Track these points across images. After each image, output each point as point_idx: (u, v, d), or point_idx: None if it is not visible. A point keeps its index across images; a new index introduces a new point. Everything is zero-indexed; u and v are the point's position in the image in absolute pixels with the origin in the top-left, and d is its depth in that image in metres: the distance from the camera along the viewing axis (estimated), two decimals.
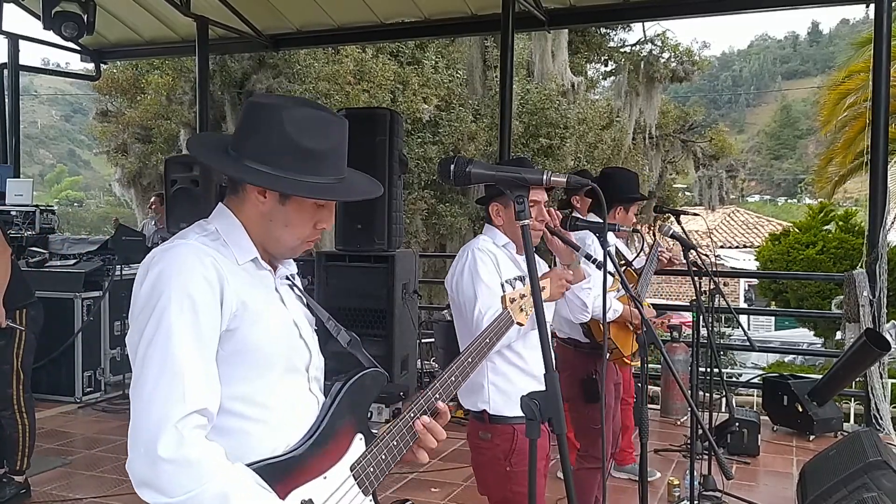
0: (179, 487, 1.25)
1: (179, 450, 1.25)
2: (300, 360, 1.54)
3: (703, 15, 6.95)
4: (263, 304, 1.47)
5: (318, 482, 1.45)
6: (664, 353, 2.26)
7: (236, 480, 1.31)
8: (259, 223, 1.49)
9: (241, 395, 1.42)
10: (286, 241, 1.51)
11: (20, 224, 6.70)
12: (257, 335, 1.43)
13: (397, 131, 5.95)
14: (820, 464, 3.93)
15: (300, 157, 1.43)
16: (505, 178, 1.54)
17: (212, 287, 1.37)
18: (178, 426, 1.27)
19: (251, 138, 1.45)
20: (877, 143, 5.42)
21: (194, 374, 1.31)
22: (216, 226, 1.49)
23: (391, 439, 1.55)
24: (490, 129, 12.80)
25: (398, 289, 5.85)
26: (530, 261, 1.51)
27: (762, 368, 11.02)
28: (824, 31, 71.91)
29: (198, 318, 1.34)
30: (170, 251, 1.40)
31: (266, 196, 1.46)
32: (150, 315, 1.33)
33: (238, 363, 1.41)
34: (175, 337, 1.31)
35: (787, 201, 45.59)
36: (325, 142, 1.46)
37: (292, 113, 1.44)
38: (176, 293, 1.33)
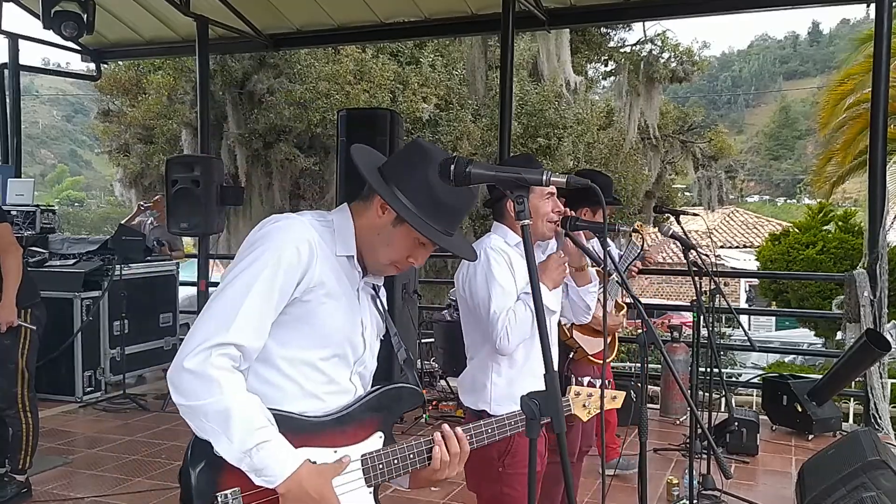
0: (192, 393, 1.48)
1: (202, 366, 1.48)
2: (353, 351, 1.72)
3: (703, 15, 6.95)
4: (340, 292, 1.66)
5: (326, 451, 1.61)
6: (664, 354, 2.26)
7: (242, 404, 1.49)
8: (368, 232, 1.70)
9: (290, 357, 1.62)
10: (380, 257, 1.71)
11: (21, 224, 6.70)
12: (323, 313, 1.63)
13: (397, 132, 5.95)
14: (819, 463, 3.94)
15: (429, 202, 1.64)
16: (505, 179, 1.54)
17: (300, 257, 1.58)
18: (213, 350, 1.49)
19: (401, 170, 1.68)
20: (876, 143, 5.43)
21: (248, 315, 1.53)
22: (334, 217, 1.72)
23: (408, 451, 1.70)
24: (489, 129, 12.80)
25: (398, 289, 5.85)
26: (530, 261, 1.52)
27: (762, 368, 11.03)
28: (824, 31, 72.01)
29: (277, 275, 1.55)
30: (285, 219, 1.63)
31: (385, 213, 1.68)
32: (246, 258, 1.57)
33: (298, 330, 1.61)
34: (252, 280, 1.54)
35: (787, 201, 45.62)
36: (454, 200, 1.67)
37: (438, 169, 1.62)
38: (271, 249, 1.56)
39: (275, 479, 1.49)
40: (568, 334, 3.32)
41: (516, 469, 2.43)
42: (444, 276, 12.10)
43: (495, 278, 2.43)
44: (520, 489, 2.43)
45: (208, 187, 6.06)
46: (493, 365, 2.50)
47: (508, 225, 2.60)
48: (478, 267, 2.48)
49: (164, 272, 7.11)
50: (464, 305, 2.57)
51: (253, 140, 12.53)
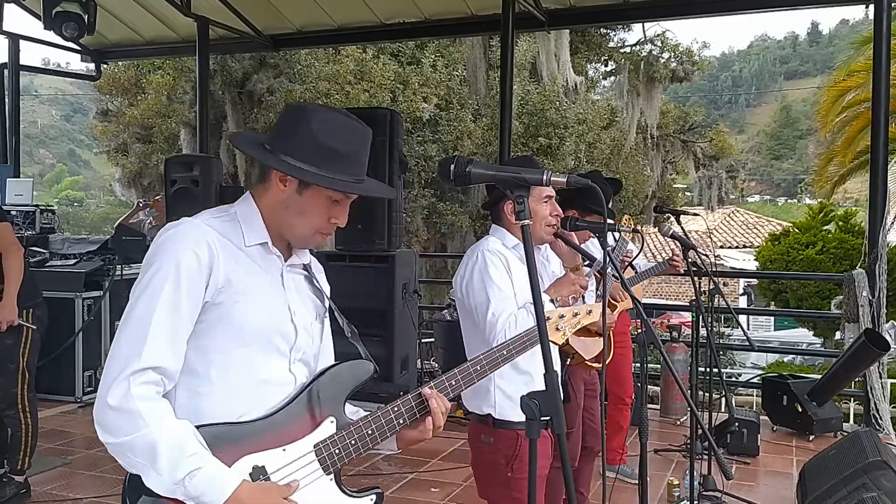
0: (119, 431, 1.43)
1: (123, 400, 1.43)
2: (285, 340, 1.63)
3: (703, 15, 6.95)
4: (255, 285, 1.59)
5: (274, 452, 1.55)
6: (664, 354, 2.26)
7: (169, 433, 1.43)
8: (277, 209, 1.63)
9: (217, 363, 1.55)
10: (299, 229, 1.63)
11: (20, 224, 6.70)
12: (239, 312, 1.55)
13: (397, 131, 5.95)
14: (820, 464, 3.93)
15: (323, 155, 1.58)
16: (505, 179, 1.55)
17: (200, 261, 1.51)
18: (130, 379, 1.44)
19: (283, 135, 1.62)
20: (877, 143, 5.42)
21: (158, 335, 1.47)
22: (236, 209, 1.65)
23: (366, 428, 1.63)
24: (490, 129, 12.81)
25: (398, 289, 5.85)
26: (530, 261, 1.52)
27: (762, 368, 11.03)
28: (824, 31, 71.97)
29: (180, 286, 1.49)
30: (176, 227, 1.56)
31: (286, 185, 1.60)
32: (142, 278, 1.52)
33: (217, 334, 1.55)
34: (153, 300, 1.48)
35: (787, 201, 45.61)
36: (346, 144, 1.60)
37: (321, 115, 1.62)
38: (167, 261, 1.51)
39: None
40: (605, 333, 3.31)
41: (524, 474, 2.41)
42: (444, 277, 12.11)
43: (493, 281, 2.42)
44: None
45: (207, 187, 6.06)
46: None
47: (506, 227, 2.59)
48: (475, 269, 2.47)
49: None
50: (462, 308, 2.56)
51: None
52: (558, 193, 3.63)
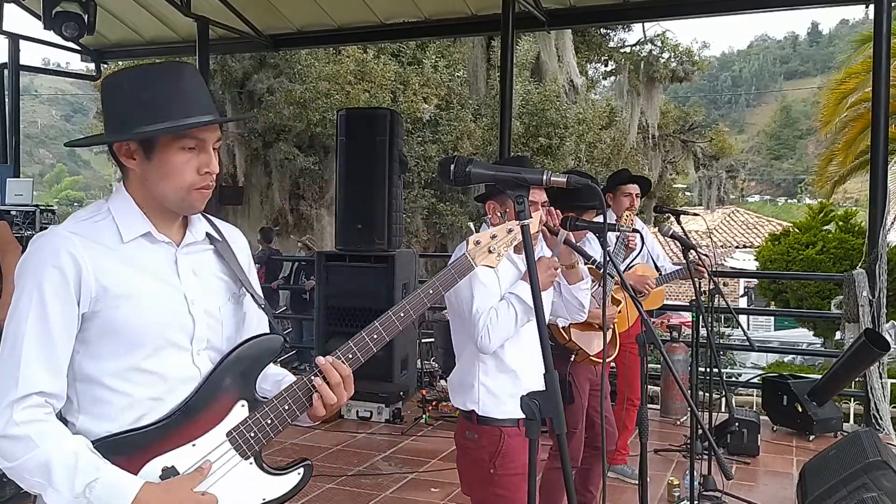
0: (12, 456, 1.40)
1: (7, 428, 1.39)
2: (182, 334, 1.54)
3: (703, 15, 6.94)
4: (138, 284, 1.49)
5: (184, 450, 1.50)
6: (664, 353, 2.26)
7: (61, 450, 1.40)
8: (141, 188, 1.52)
9: (111, 370, 1.49)
10: (169, 193, 1.50)
11: (20, 224, 6.70)
12: (123, 317, 1.47)
13: (397, 131, 5.96)
14: (820, 464, 3.93)
15: (145, 109, 1.46)
16: (505, 178, 1.54)
17: (64, 274, 1.43)
18: (13, 406, 1.40)
19: (107, 116, 1.54)
20: (877, 143, 5.42)
21: (30, 362, 1.42)
22: (109, 205, 1.55)
23: (281, 404, 1.56)
24: (490, 129, 12.81)
25: (398, 289, 5.85)
26: (530, 261, 1.52)
27: (762, 368, 11.03)
28: (824, 31, 72.04)
29: (46, 306, 1.43)
30: (37, 241, 1.48)
31: (134, 156, 1.50)
32: (13, 301, 1.46)
33: (105, 342, 1.48)
34: (20, 326, 1.43)
35: (787, 201, 45.63)
36: (166, 87, 1.48)
37: (125, 76, 1.52)
38: (30, 280, 1.44)
39: None
40: (566, 336, 3.31)
41: (507, 470, 2.43)
42: None
43: (478, 277, 2.43)
44: (512, 490, 2.42)
45: None
46: (479, 365, 2.50)
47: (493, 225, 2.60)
48: None
49: None
50: (450, 305, 2.58)
51: (252, 139, 12.54)
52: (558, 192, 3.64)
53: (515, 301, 2.41)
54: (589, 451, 3.52)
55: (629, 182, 4.39)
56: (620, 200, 4.33)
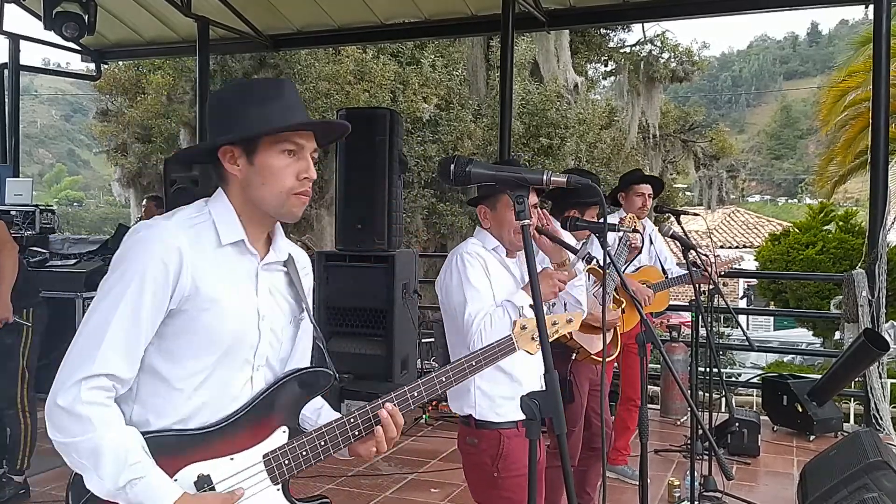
0: (65, 431, 1.44)
1: (72, 403, 1.42)
2: (248, 347, 1.58)
3: (703, 15, 6.94)
4: (224, 291, 1.53)
5: (222, 461, 1.53)
6: (663, 354, 2.26)
7: (115, 440, 1.43)
8: (242, 193, 1.57)
9: (178, 368, 1.53)
10: (270, 198, 1.55)
11: (20, 224, 6.69)
12: (206, 320, 1.51)
13: (397, 131, 5.95)
14: (820, 464, 3.93)
15: (251, 115, 1.54)
16: (505, 178, 1.54)
17: (167, 268, 1.47)
18: (81, 383, 1.43)
19: (211, 126, 1.61)
20: (877, 143, 5.42)
21: (114, 343, 1.45)
22: (210, 208, 1.59)
23: (319, 439, 1.59)
24: (490, 129, 12.81)
25: (398, 289, 5.85)
26: (530, 261, 1.52)
27: (761, 368, 11.03)
28: (823, 31, 72.05)
29: (143, 295, 1.46)
30: (148, 228, 1.51)
31: (236, 162, 1.55)
32: (108, 280, 1.49)
33: (181, 341, 1.52)
34: (115, 306, 1.46)
35: (788, 201, 45.62)
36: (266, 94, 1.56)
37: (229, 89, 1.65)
38: (132, 267, 1.47)
39: None
40: (568, 335, 3.31)
41: (510, 472, 2.42)
42: None
43: (470, 282, 2.43)
44: (518, 492, 2.42)
45: (207, 187, 6.03)
46: None
47: (488, 230, 2.60)
48: (453, 272, 2.49)
49: None
50: (444, 309, 2.57)
51: None
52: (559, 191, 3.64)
53: (511, 309, 2.40)
54: (586, 451, 3.52)
55: (641, 182, 4.41)
56: (633, 200, 4.34)
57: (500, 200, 2.52)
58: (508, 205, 2.49)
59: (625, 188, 4.41)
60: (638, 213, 4.28)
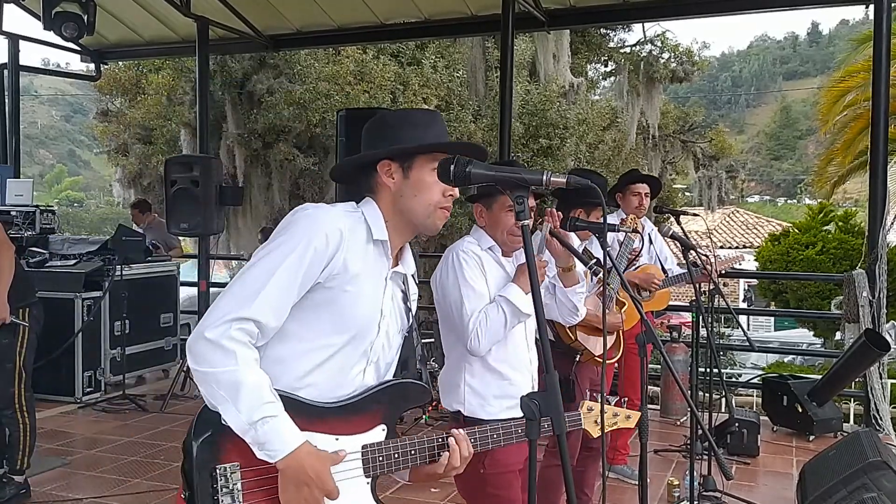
0: (206, 362, 1.53)
1: (220, 337, 1.53)
2: (368, 340, 1.71)
3: (703, 15, 6.94)
4: (364, 280, 1.68)
5: (327, 438, 1.63)
6: (664, 354, 2.26)
7: (254, 377, 1.54)
8: (393, 203, 1.74)
9: (307, 339, 1.65)
10: (419, 209, 1.73)
11: (20, 224, 6.69)
12: (345, 301, 1.65)
13: None
14: (820, 464, 3.93)
15: (409, 132, 1.73)
16: (505, 179, 1.54)
17: (328, 244, 1.62)
18: (232, 323, 1.54)
19: (370, 143, 1.78)
20: (877, 143, 5.42)
21: (270, 294, 1.57)
22: (362, 209, 1.75)
23: (410, 447, 1.71)
24: (490, 130, 12.80)
25: None
26: (530, 262, 1.52)
27: (762, 369, 11.03)
28: (824, 31, 72.06)
29: (304, 259, 1.59)
30: (316, 209, 1.68)
31: (393, 175, 1.72)
32: (276, 239, 1.63)
33: (318, 314, 1.65)
34: (278, 262, 1.58)
35: (787, 202, 45.62)
36: (423, 117, 1.79)
37: (391, 114, 1.83)
38: (300, 234, 1.61)
39: (276, 455, 1.53)
40: (572, 336, 3.31)
41: (497, 469, 2.44)
42: None
43: (467, 281, 2.44)
44: (504, 488, 2.45)
45: (207, 187, 6.06)
46: (465, 366, 2.51)
47: (483, 228, 2.60)
48: (449, 270, 2.50)
49: (164, 272, 7.10)
50: (439, 308, 2.58)
51: (252, 140, 12.53)
52: (562, 192, 3.64)
53: (504, 304, 2.42)
54: (584, 451, 3.52)
55: (639, 181, 4.42)
56: (630, 199, 4.36)
57: (496, 201, 2.53)
58: (504, 207, 2.51)
59: (622, 188, 4.42)
60: (635, 212, 4.29)
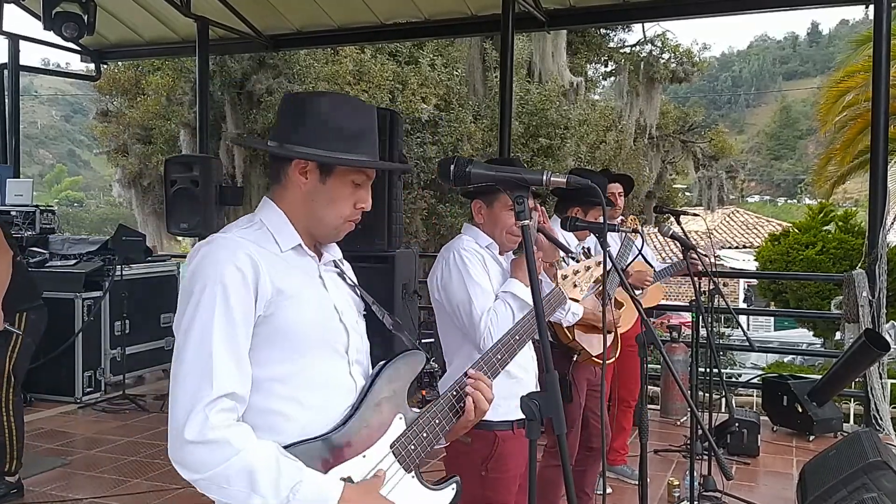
0: (204, 465, 1.36)
1: (204, 432, 1.35)
2: (339, 342, 1.59)
3: (704, 15, 6.94)
4: (301, 289, 1.54)
5: (356, 461, 1.51)
6: (664, 354, 2.25)
7: (262, 456, 1.38)
8: (302, 205, 1.57)
9: (279, 376, 1.49)
10: (329, 219, 1.58)
11: (20, 224, 6.69)
12: (293, 319, 1.50)
13: (397, 131, 5.95)
14: (820, 464, 3.93)
15: (337, 137, 1.54)
16: (505, 179, 1.54)
17: (244, 276, 1.45)
18: (206, 410, 1.36)
19: (290, 126, 1.57)
20: (877, 143, 5.42)
21: (223, 361, 1.40)
22: (261, 217, 1.59)
23: (433, 418, 1.61)
24: (490, 130, 12.79)
25: (398, 289, 5.84)
26: (530, 261, 1.52)
27: (761, 369, 11.02)
28: (824, 31, 72.03)
29: (229, 305, 1.43)
30: (209, 244, 1.49)
31: (308, 176, 1.56)
32: (188, 304, 1.44)
33: (275, 346, 1.49)
34: (207, 325, 1.41)
35: (787, 202, 45.61)
36: (357, 123, 1.57)
37: (327, 98, 1.58)
38: (211, 281, 1.43)
39: None
40: (570, 336, 3.31)
41: (499, 473, 2.41)
42: None
43: (473, 279, 2.40)
44: (503, 493, 2.42)
45: (207, 187, 6.05)
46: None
47: (478, 226, 2.58)
48: (452, 269, 2.45)
49: (164, 272, 7.11)
50: (439, 308, 2.53)
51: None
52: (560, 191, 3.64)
53: (511, 299, 2.39)
54: (583, 451, 3.52)
55: (611, 182, 4.45)
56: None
57: (497, 200, 2.51)
58: (505, 206, 2.49)
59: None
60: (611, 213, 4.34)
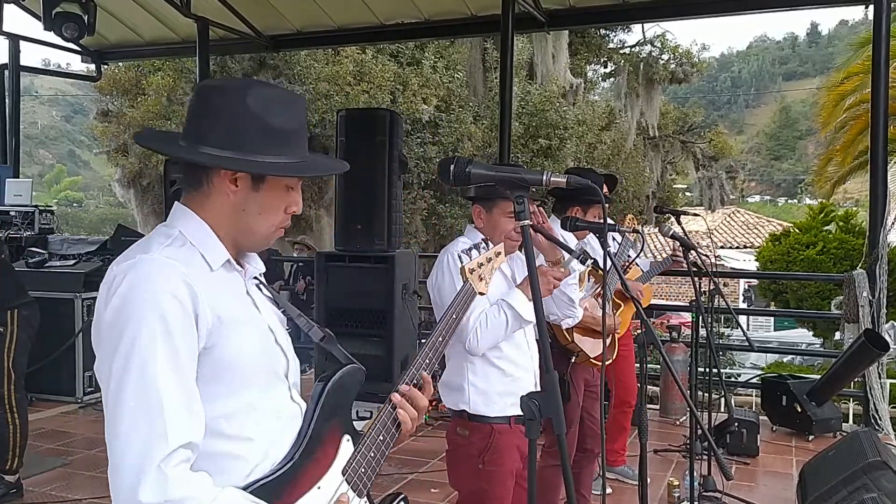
0: None
1: (166, 492, 1.19)
2: (279, 366, 1.45)
3: (703, 16, 6.94)
4: (237, 313, 1.37)
5: (313, 494, 1.40)
6: (663, 354, 2.25)
7: (227, 499, 1.26)
8: (231, 216, 1.38)
9: (225, 413, 1.34)
10: (261, 229, 1.41)
11: (19, 224, 6.70)
12: (236, 348, 1.34)
13: (397, 132, 5.95)
14: (819, 464, 3.93)
15: (268, 137, 1.34)
16: (505, 179, 1.55)
17: (183, 305, 1.26)
18: (161, 467, 1.19)
19: (209, 124, 1.35)
20: (877, 143, 5.42)
21: (175, 408, 1.22)
22: (180, 229, 1.37)
23: (377, 435, 1.51)
24: (490, 130, 12.81)
25: (398, 289, 5.84)
26: (530, 262, 1.52)
27: (761, 369, 11.02)
28: (823, 32, 72.12)
29: (173, 342, 1.24)
30: (133, 269, 1.27)
31: (238, 185, 1.36)
32: (119, 344, 1.23)
33: (220, 381, 1.32)
34: (149, 367, 1.21)
35: (788, 202, 45.64)
36: (291, 120, 1.39)
37: (256, 91, 1.37)
38: (146, 317, 1.22)
39: None
40: (568, 338, 3.32)
41: (495, 465, 2.47)
42: None
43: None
44: (498, 486, 2.46)
45: None
46: (467, 365, 2.53)
47: (478, 229, 2.62)
48: (445, 271, 2.52)
49: None
50: (437, 308, 2.60)
51: None
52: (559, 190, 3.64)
53: (507, 308, 2.42)
54: (579, 452, 3.53)
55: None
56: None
57: (497, 205, 2.54)
58: (504, 212, 2.52)
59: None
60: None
